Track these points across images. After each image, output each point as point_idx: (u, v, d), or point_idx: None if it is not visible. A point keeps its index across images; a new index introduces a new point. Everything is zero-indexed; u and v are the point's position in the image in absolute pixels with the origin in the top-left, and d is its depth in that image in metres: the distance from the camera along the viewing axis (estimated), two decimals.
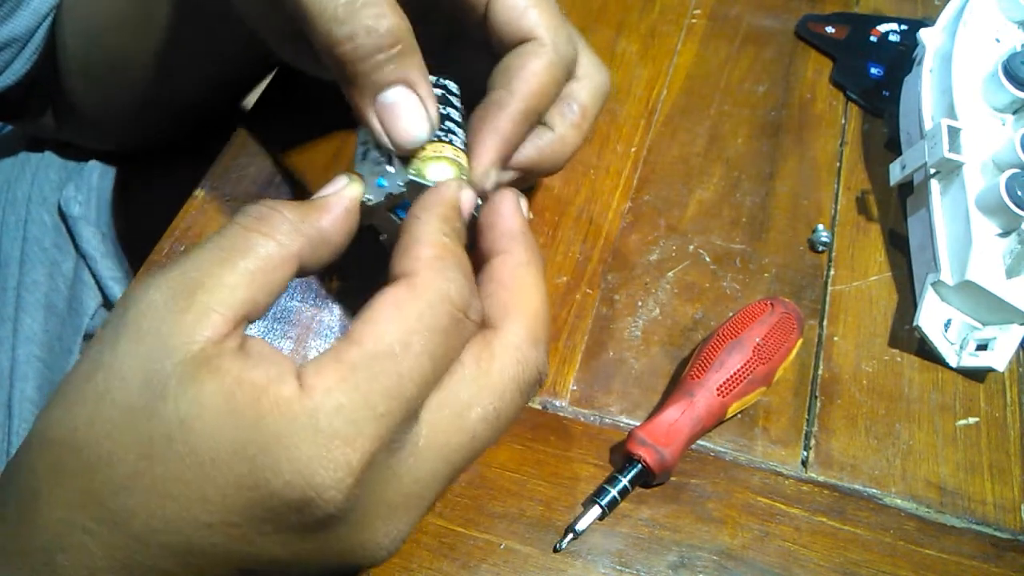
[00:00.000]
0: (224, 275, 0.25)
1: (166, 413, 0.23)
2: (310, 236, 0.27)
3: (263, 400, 0.23)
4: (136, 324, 0.24)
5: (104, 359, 0.24)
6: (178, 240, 0.42)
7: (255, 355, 0.24)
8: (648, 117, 0.50)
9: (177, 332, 0.23)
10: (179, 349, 0.23)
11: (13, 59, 0.49)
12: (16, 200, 0.57)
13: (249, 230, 0.26)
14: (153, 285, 0.24)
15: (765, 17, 0.56)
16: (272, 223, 0.26)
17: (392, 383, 0.24)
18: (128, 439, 0.23)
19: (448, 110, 0.32)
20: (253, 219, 0.26)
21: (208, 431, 0.23)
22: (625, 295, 0.43)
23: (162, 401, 0.23)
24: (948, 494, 0.38)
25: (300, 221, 0.27)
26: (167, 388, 0.23)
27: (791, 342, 0.38)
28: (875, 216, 0.47)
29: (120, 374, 0.23)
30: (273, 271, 0.26)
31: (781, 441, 0.39)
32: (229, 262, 0.25)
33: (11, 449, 0.49)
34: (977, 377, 0.41)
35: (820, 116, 0.51)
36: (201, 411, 0.23)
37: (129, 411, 0.23)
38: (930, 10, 0.56)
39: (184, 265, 0.25)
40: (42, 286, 0.55)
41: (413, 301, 0.25)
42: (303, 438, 0.23)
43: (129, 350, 0.23)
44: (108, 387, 0.23)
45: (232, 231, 0.26)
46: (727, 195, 0.47)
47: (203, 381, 0.23)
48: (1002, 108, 0.44)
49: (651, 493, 0.37)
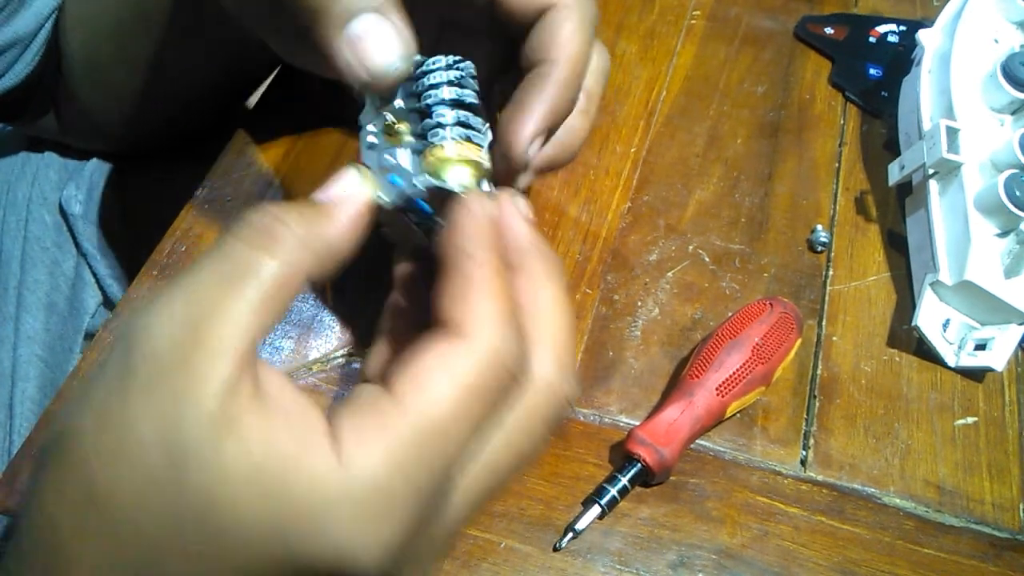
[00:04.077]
0: (230, 306, 0.23)
1: (192, 488, 0.21)
2: (317, 250, 0.25)
3: (295, 473, 0.21)
4: (145, 374, 0.22)
5: (114, 415, 0.22)
6: (179, 240, 0.42)
7: (275, 406, 0.22)
8: (647, 118, 0.50)
9: (190, 386, 0.22)
10: (195, 408, 0.21)
11: (15, 60, 0.49)
12: (17, 200, 0.57)
13: (252, 248, 0.24)
14: (155, 323, 0.22)
15: (764, 18, 0.56)
16: (276, 238, 0.24)
17: (437, 459, 0.23)
18: (154, 510, 0.21)
19: (464, 93, 0.30)
20: (255, 233, 0.24)
21: (239, 509, 0.21)
22: (624, 295, 0.43)
23: (186, 474, 0.21)
24: (947, 493, 0.38)
25: (306, 233, 0.25)
26: (188, 460, 0.21)
27: (790, 342, 0.38)
28: (874, 216, 0.47)
29: (137, 437, 0.22)
30: (280, 292, 0.24)
31: (780, 441, 0.39)
32: (234, 290, 0.23)
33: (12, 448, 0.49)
34: (976, 377, 0.41)
35: (819, 117, 0.51)
36: (229, 488, 0.21)
37: (153, 482, 0.21)
38: (929, 11, 0.56)
39: (186, 294, 0.23)
40: (43, 285, 0.55)
41: (466, 365, 0.23)
42: (340, 516, 0.21)
43: (142, 408, 0.22)
44: (125, 449, 0.22)
45: (234, 251, 0.24)
46: (726, 195, 0.47)
47: (226, 450, 0.21)
48: (1000, 108, 0.44)
49: (651, 492, 0.37)
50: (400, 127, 0.30)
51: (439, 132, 0.29)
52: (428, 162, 0.29)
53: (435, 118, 0.29)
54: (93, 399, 0.22)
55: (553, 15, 0.32)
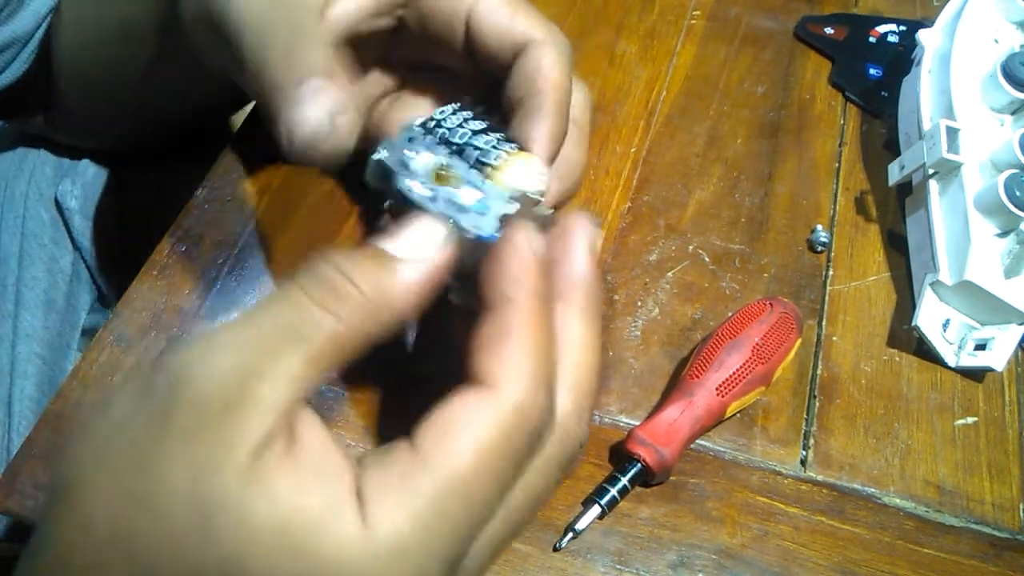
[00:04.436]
0: (281, 364, 0.22)
1: (217, 543, 0.21)
2: (380, 315, 0.24)
3: (321, 537, 0.21)
4: (185, 422, 0.21)
5: (147, 459, 0.21)
6: (179, 240, 0.42)
7: (306, 463, 0.22)
8: (647, 118, 0.50)
9: (228, 440, 0.21)
10: (229, 463, 0.21)
11: (13, 59, 0.49)
12: (14, 197, 0.57)
13: (314, 303, 0.23)
14: (204, 371, 0.22)
15: (764, 18, 0.56)
16: (340, 296, 0.23)
17: (460, 516, 0.22)
18: (178, 561, 0.21)
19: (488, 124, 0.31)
20: (318, 287, 0.23)
21: (263, 568, 0.21)
22: (624, 295, 0.43)
23: (213, 528, 0.21)
24: (947, 493, 0.38)
25: (372, 296, 0.24)
26: (217, 515, 0.21)
27: (790, 342, 0.38)
28: (874, 216, 0.47)
29: (169, 486, 0.21)
30: (336, 354, 0.23)
31: (780, 440, 0.39)
32: (288, 347, 0.22)
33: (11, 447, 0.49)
34: (976, 377, 0.41)
35: (819, 117, 0.51)
36: (255, 546, 0.21)
37: (180, 533, 0.21)
38: (929, 11, 0.56)
39: (239, 343, 0.22)
40: (41, 282, 0.55)
41: (491, 420, 0.23)
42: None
43: (178, 457, 0.21)
44: (156, 496, 0.21)
45: (295, 303, 0.23)
46: (726, 195, 0.47)
47: (254, 507, 0.21)
48: (1000, 108, 0.44)
49: (650, 492, 0.37)
50: (451, 171, 0.29)
51: (493, 152, 0.29)
52: (503, 172, 0.28)
53: (482, 144, 0.29)
54: (125, 436, 0.22)
55: (531, 52, 0.33)
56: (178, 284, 0.41)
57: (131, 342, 0.39)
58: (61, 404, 0.37)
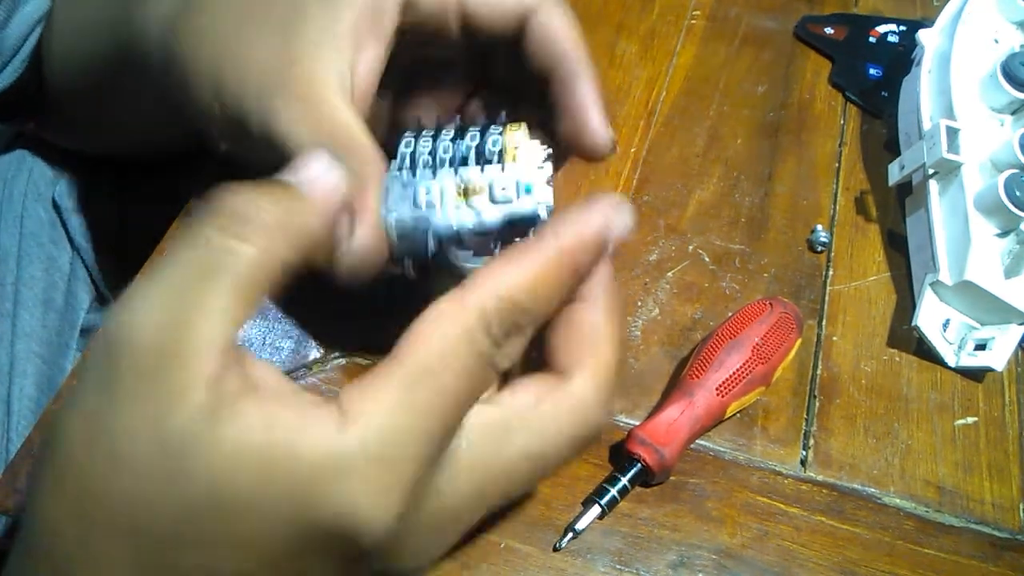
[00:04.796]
0: (208, 301, 0.22)
1: (195, 477, 0.21)
2: (294, 236, 0.24)
3: (300, 443, 0.21)
4: (130, 377, 0.22)
5: (103, 420, 0.22)
6: None
7: (268, 390, 0.23)
8: (647, 118, 0.50)
9: (176, 385, 0.21)
10: (184, 403, 0.21)
11: (4, 66, 0.49)
12: (12, 196, 0.57)
13: (226, 235, 0.23)
14: (135, 324, 0.22)
15: (764, 18, 0.56)
16: (252, 223, 0.23)
17: (435, 411, 0.23)
18: (161, 506, 0.21)
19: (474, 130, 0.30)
20: (228, 219, 0.23)
21: (248, 486, 0.21)
22: (624, 295, 0.43)
23: (185, 464, 0.21)
24: (947, 493, 0.38)
25: (282, 219, 0.24)
26: (185, 451, 0.21)
27: (790, 342, 0.38)
28: (874, 216, 0.47)
29: (130, 439, 0.21)
30: (258, 282, 0.23)
31: (780, 440, 0.39)
32: (211, 283, 0.22)
33: (11, 447, 0.49)
34: (976, 377, 0.41)
35: (819, 117, 0.51)
36: (234, 469, 0.21)
37: (153, 480, 0.21)
38: (929, 11, 0.56)
39: (162, 290, 0.23)
40: (40, 282, 0.54)
41: (458, 320, 0.24)
42: (349, 471, 0.22)
43: (129, 411, 0.21)
44: (120, 453, 0.21)
45: (207, 239, 0.23)
46: (726, 195, 0.47)
47: (224, 435, 0.21)
48: (1000, 108, 0.45)
49: (650, 492, 0.37)
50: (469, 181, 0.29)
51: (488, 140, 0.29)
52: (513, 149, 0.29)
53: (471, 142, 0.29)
54: (80, 404, 0.22)
55: (536, 19, 0.33)
56: None
57: None
58: (60, 404, 0.37)
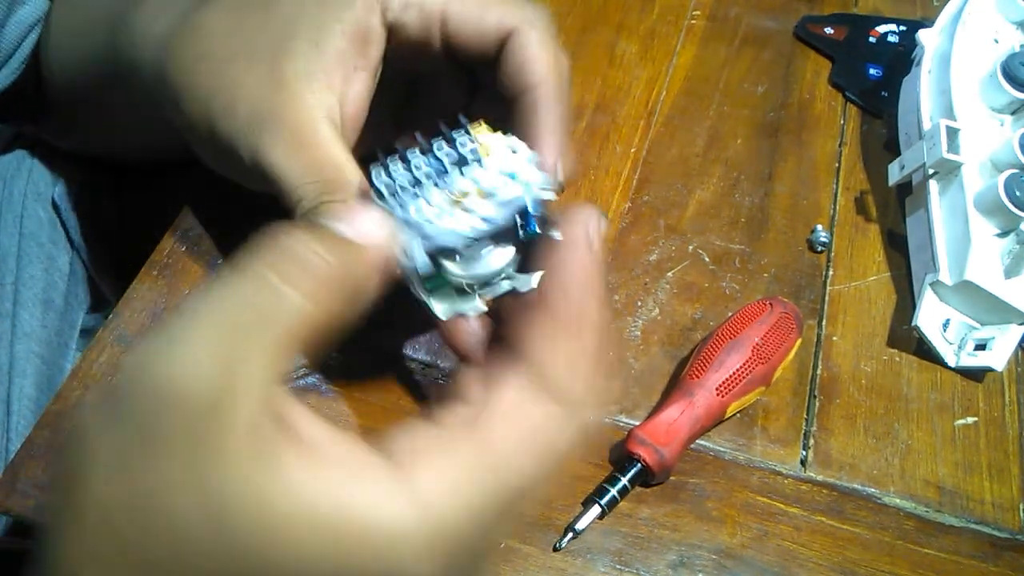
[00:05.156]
0: (256, 349, 0.21)
1: (234, 531, 0.20)
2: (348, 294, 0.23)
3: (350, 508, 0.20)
4: (171, 430, 0.20)
5: (140, 476, 0.20)
6: (179, 240, 0.42)
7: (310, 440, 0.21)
8: (647, 118, 0.50)
9: (222, 441, 0.20)
10: (229, 463, 0.20)
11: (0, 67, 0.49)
12: (12, 196, 0.57)
13: (282, 280, 0.22)
14: (178, 370, 0.20)
15: (764, 18, 0.56)
16: (307, 270, 0.22)
17: (501, 493, 0.22)
18: (196, 560, 0.20)
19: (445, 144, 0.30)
20: (284, 262, 0.22)
21: (296, 550, 0.20)
22: (624, 295, 0.43)
23: (227, 517, 0.20)
24: (947, 493, 0.38)
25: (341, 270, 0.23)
26: (227, 501, 0.20)
27: (790, 342, 0.38)
28: (874, 216, 0.47)
29: (171, 501, 0.20)
30: (306, 335, 0.22)
31: (780, 440, 0.39)
32: (261, 330, 0.21)
33: (10, 446, 0.49)
34: (976, 377, 0.41)
35: (819, 117, 0.51)
36: (282, 531, 0.20)
37: (191, 529, 0.20)
38: (929, 11, 0.56)
39: (209, 331, 0.21)
40: (39, 281, 0.54)
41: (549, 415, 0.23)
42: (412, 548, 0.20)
43: (174, 471, 0.20)
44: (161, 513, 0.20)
45: (261, 279, 0.22)
46: (726, 195, 0.47)
47: (270, 494, 0.20)
48: (1000, 109, 0.45)
49: (651, 492, 0.37)
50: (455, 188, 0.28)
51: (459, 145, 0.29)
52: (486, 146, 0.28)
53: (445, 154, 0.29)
54: (112, 452, 0.21)
55: (518, 40, 0.32)
56: (178, 284, 0.41)
57: (131, 342, 0.39)
58: (61, 404, 0.37)
